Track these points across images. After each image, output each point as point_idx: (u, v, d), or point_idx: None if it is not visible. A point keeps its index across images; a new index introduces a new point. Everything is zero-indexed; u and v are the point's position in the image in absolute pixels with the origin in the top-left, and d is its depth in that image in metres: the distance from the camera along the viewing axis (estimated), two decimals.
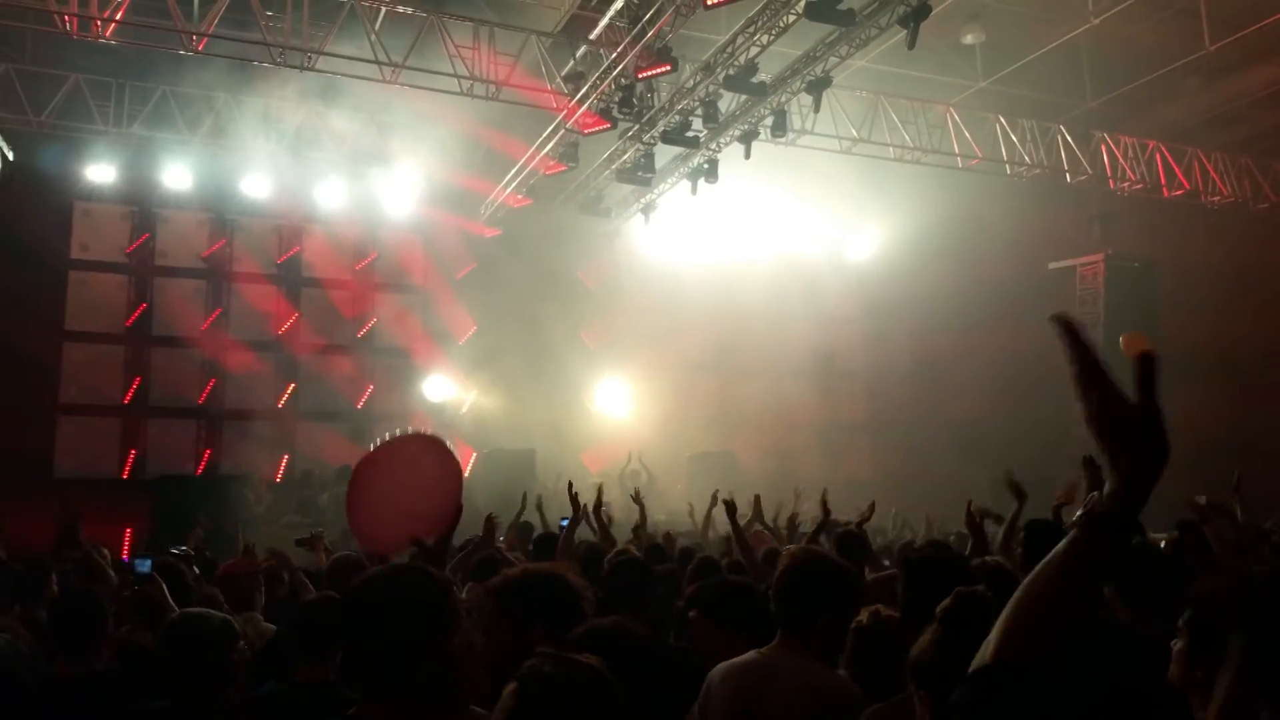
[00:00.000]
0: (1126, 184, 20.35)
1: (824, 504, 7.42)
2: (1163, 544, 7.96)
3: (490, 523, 7.27)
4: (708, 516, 9.55)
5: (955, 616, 2.57)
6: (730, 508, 7.50)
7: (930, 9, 12.96)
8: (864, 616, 3.58)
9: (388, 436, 3.64)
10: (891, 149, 18.70)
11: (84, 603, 4.51)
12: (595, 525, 7.90)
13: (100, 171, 18.47)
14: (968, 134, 19.02)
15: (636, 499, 8.73)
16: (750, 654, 3.58)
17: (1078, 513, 1.61)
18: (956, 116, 19.06)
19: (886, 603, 3.81)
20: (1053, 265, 21.98)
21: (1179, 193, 20.53)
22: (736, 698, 3.45)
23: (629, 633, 2.75)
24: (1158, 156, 20.50)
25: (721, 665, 3.58)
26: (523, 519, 10.21)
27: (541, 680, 2.04)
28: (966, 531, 6.46)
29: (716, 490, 9.39)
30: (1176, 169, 20.51)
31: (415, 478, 3.65)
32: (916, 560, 3.97)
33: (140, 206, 19.70)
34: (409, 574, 2.63)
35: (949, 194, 19.99)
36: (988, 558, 4.31)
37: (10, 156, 15.01)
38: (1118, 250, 21.42)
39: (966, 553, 6.51)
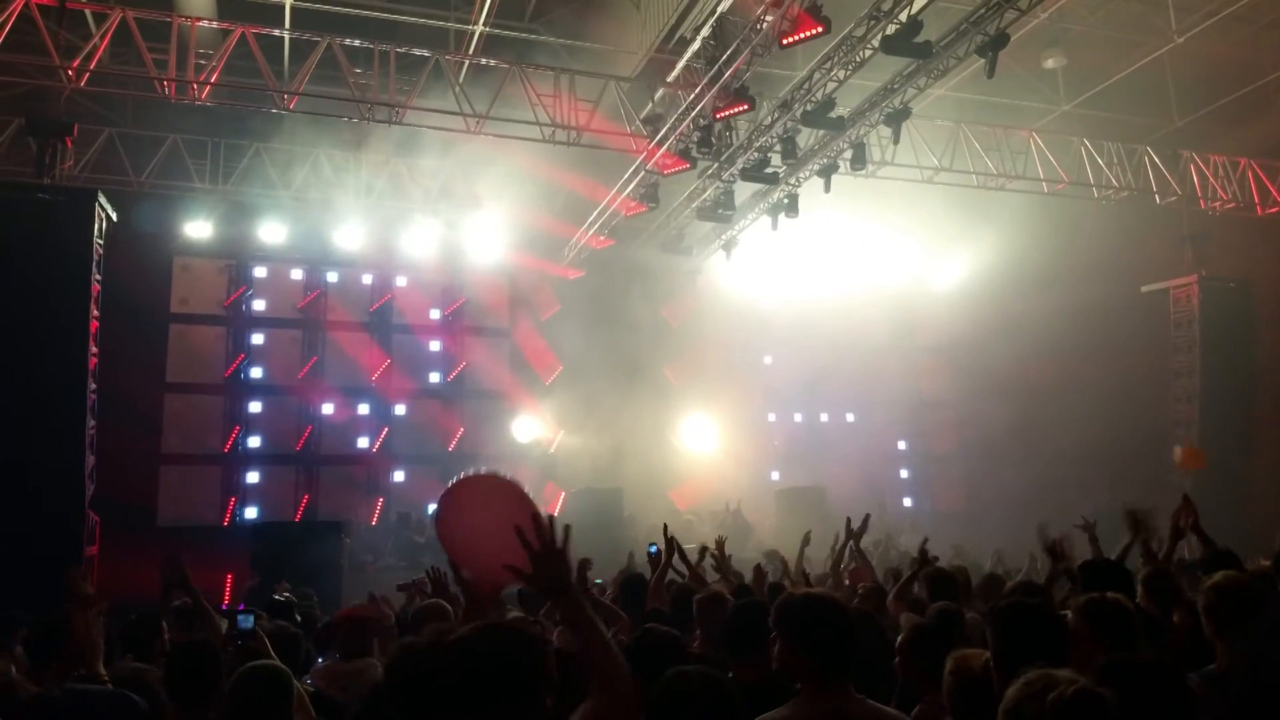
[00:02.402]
0: (1218, 203, 19.89)
1: (922, 553, 7.32)
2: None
3: (583, 566, 7.36)
4: (800, 556, 9.49)
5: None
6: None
7: (1009, 38, 12.85)
8: (966, 663, 3.52)
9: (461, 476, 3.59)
10: (974, 176, 18.52)
11: (201, 652, 4.58)
12: (685, 566, 7.89)
13: (197, 228, 19.09)
14: (1052, 158, 18.78)
15: (719, 548, 8.68)
16: (792, 707, 3.39)
17: None
18: (1040, 141, 18.82)
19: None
20: (1145, 288, 21.54)
21: (1274, 210, 20.01)
22: None
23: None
24: (1250, 174, 20.02)
25: None
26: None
27: None
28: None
29: (809, 531, 9.36)
30: (1270, 186, 20.01)
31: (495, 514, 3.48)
32: (1004, 608, 3.92)
33: (236, 260, 20.33)
34: (502, 633, 2.40)
35: (1036, 219, 19.74)
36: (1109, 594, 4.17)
37: (114, 217, 15.57)
38: (1211, 271, 20.92)
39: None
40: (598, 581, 8.73)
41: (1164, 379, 21.14)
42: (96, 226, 14.91)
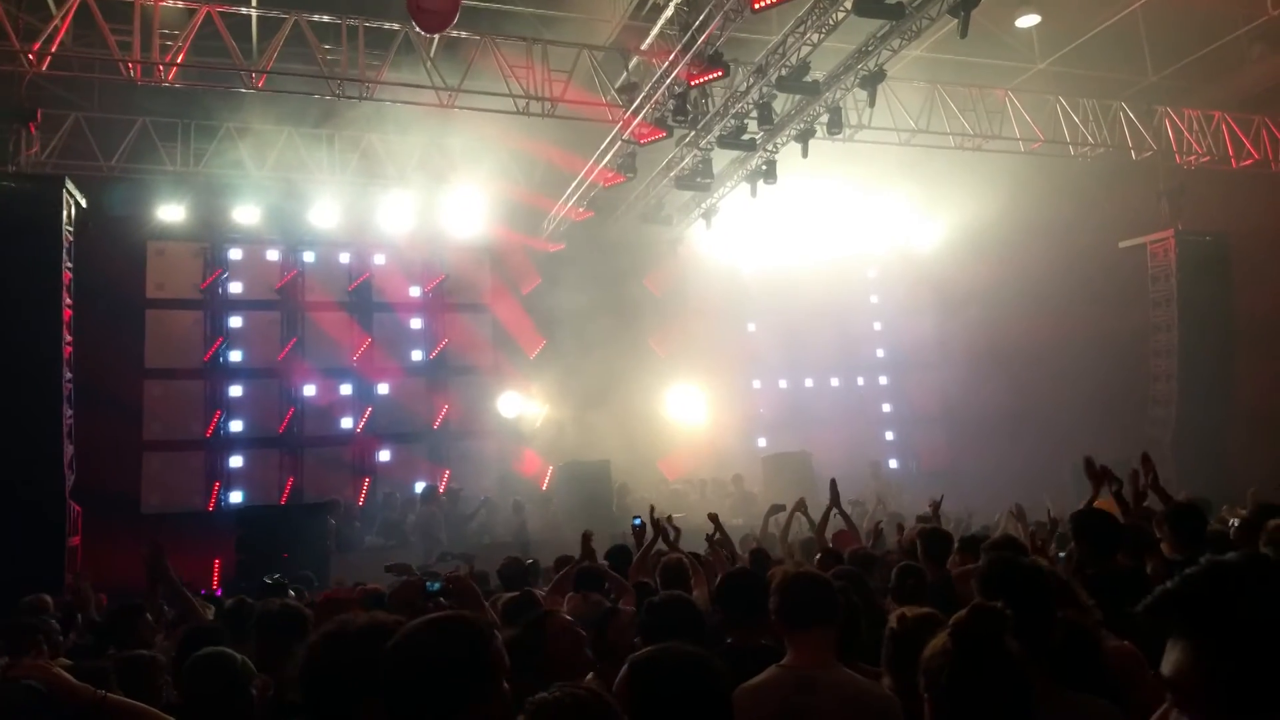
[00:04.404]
0: (1193, 157, 19.98)
1: (935, 507, 7.45)
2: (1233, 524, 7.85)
3: (588, 539, 7.40)
4: (788, 523, 9.51)
5: (967, 631, 2.54)
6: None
7: None
8: (894, 622, 3.57)
9: None
10: (951, 138, 18.51)
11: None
12: (669, 541, 7.90)
13: (170, 211, 18.81)
14: (1028, 117, 18.79)
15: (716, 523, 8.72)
16: (770, 670, 3.61)
17: None
18: (1016, 100, 18.82)
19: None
20: (1123, 244, 21.63)
21: (1248, 163, 20.12)
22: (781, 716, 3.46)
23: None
24: (1224, 127, 20.10)
25: (743, 688, 3.51)
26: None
27: (549, 705, 2.14)
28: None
29: (802, 498, 9.43)
30: (1244, 138, 20.10)
31: None
32: (988, 565, 3.95)
33: (211, 243, 20.09)
34: (451, 627, 2.40)
35: (1013, 179, 19.76)
36: None
37: (84, 203, 15.40)
38: (1188, 225, 21.01)
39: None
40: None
41: (1143, 333, 21.27)
42: (65, 213, 14.77)
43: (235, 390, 20.16)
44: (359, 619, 2.65)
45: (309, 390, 20.37)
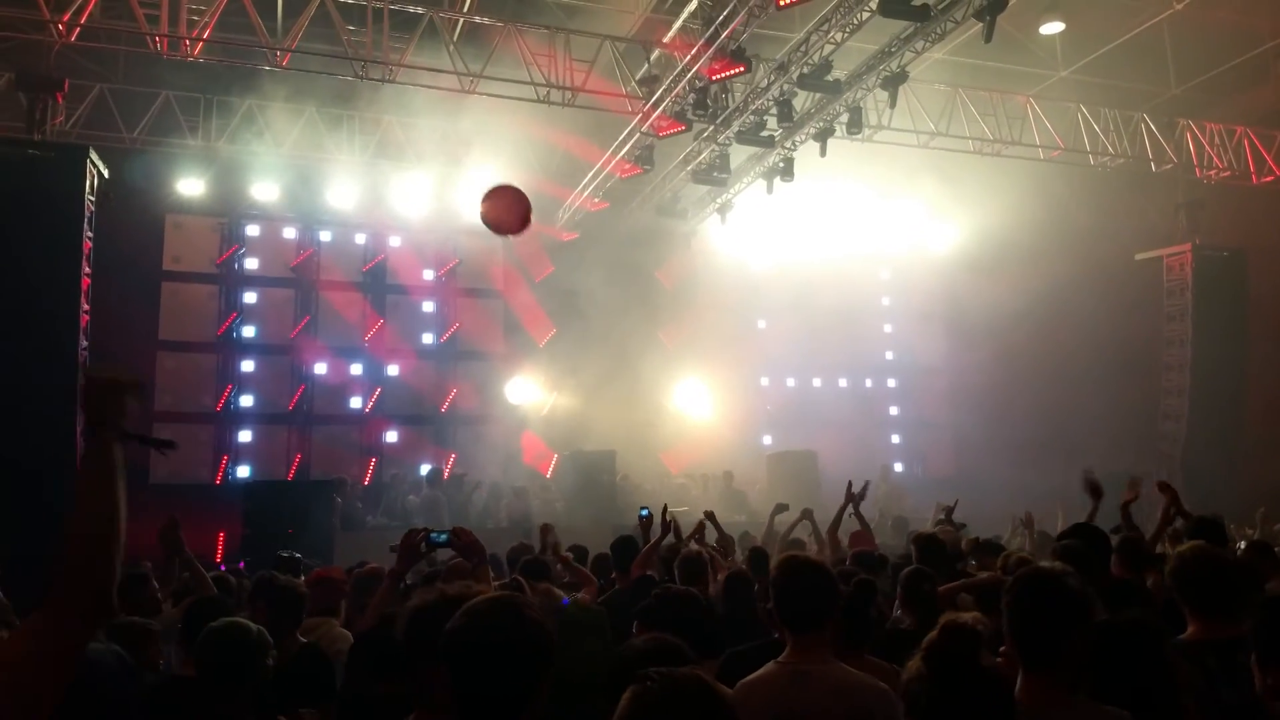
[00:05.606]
0: (1213, 171, 19.89)
1: (948, 512, 7.51)
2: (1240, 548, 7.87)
3: (545, 530, 7.46)
4: (790, 529, 9.57)
5: (940, 651, 2.55)
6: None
7: (1007, 2, 12.76)
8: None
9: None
10: (970, 142, 18.46)
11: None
12: (679, 537, 7.96)
13: (190, 185, 18.88)
14: (1049, 125, 18.74)
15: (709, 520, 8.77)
16: (768, 666, 3.68)
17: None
18: (1037, 107, 18.77)
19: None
20: (1139, 256, 21.57)
21: (1269, 179, 20.02)
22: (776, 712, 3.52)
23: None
24: (1245, 143, 20.01)
25: (741, 683, 3.62)
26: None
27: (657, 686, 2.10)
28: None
29: (810, 509, 9.47)
30: (1266, 155, 20.01)
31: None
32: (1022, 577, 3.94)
33: (229, 218, 20.17)
34: (509, 610, 2.40)
35: (1032, 186, 19.71)
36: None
37: (106, 173, 15.48)
38: (1205, 239, 20.96)
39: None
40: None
41: (1156, 347, 21.22)
42: (88, 183, 14.84)
43: (247, 365, 20.24)
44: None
45: (320, 369, 20.45)
